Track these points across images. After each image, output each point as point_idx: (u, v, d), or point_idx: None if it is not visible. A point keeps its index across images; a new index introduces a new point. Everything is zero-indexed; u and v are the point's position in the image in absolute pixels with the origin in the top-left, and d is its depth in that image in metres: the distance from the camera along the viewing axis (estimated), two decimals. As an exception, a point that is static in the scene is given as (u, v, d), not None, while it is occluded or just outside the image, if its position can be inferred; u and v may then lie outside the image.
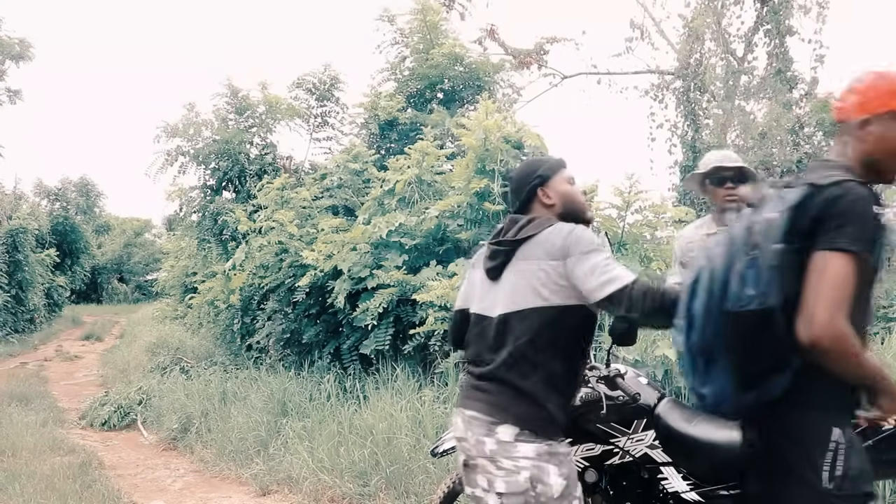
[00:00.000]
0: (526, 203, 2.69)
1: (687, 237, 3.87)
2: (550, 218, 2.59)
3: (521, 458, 2.39)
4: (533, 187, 2.67)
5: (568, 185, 2.69)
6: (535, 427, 2.41)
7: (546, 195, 2.66)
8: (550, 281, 2.43)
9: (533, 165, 2.73)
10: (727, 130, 15.73)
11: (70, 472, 6.43)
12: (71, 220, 30.69)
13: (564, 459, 2.43)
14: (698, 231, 3.82)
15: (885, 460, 2.58)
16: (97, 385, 12.51)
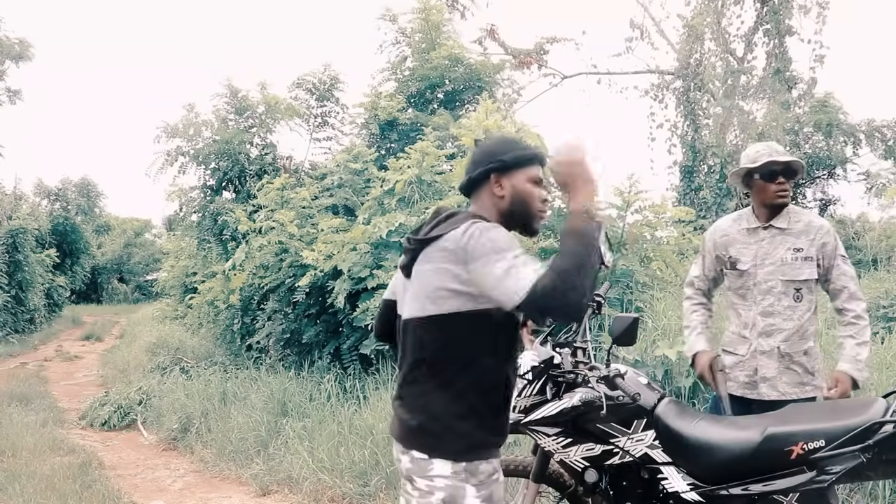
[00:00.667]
0: (474, 183, 2.40)
1: (723, 229, 3.70)
2: (474, 216, 2.28)
3: (437, 477, 2.20)
4: (487, 170, 2.36)
5: (528, 185, 2.36)
6: (445, 449, 2.21)
7: (499, 184, 2.35)
8: (444, 287, 2.19)
9: (501, 146, 2.40)
10: (726, 130, 15.73)
11: (70, 472, 6.43)
12: (71, 220, 30.69)
13: (486, 480, 2.22)
14: (736, 225, 3.65)
15: (885, 460, 2.58)
16: (97, 385, 12.52)
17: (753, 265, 3.52)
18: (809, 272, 3.44)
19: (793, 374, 3.45)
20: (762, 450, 2.71)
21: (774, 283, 3.46)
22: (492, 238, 2.13)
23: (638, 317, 3.18)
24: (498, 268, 2.07)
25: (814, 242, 3.44)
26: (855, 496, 4.02)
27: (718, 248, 3.67)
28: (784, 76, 15.23)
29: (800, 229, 3.47)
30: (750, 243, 3.55)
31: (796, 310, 3.45)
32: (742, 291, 3.57)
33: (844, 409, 2.78)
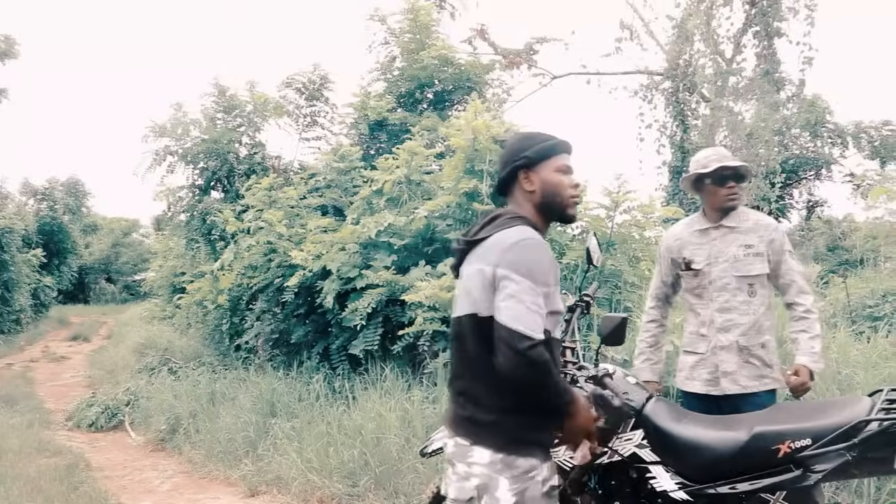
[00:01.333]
0: (506, 182, 2.51)
1: (675, 234, 3.82)
2: (514, 218, 2.40)
3: (475, 465, 2.29)
4: (515, 168, 2.46)
5: (556, 175, 2.45)
6: (486, 439, 2.30)
7: (528, 180, 2.44)
8: (481, 287, 2.30)
9: (524, 142, 2.49)
10: (715, 131, 15.78)
11: (56, 473, 6.40)
12: (58, 219, 30.45)
13: (522, 477, 2.26)
14: (688, 228, 3.78)
15: (871, 458, 2.60)
16: (84, 386, 12.46)
17: (707, 264, 3.65)
18: (761, 267, 3.58)
19: (752, 368, 3.56)
20: (750, 448, 2.73)
21: (728, 279, 3.59)
22: (531, 258, 2.25)
23: (626, 317, 3.19)
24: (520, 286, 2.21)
25: (763, 239, 3.58)
26: (841, 494, 4.04)
27: (672, 251, 3.79)
28: (773, 77, 15.29)
29: (748, 227, 3.62)
30: (702, 243, 3.68)
31: (751, 304, 3.58)
32: (698, 291, 3.70)
33: (830, 408, 2.80)
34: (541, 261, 2.27)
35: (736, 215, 3.65)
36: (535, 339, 2.17)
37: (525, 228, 2.35)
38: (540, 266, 2.25)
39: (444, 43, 11.46)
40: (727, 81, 15.87)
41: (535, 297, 2.21)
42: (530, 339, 2.16)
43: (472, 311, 2.32)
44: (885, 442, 2.57)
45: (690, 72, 15.51)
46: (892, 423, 2.54)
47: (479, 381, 2.33)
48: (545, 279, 2.25)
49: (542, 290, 2.23)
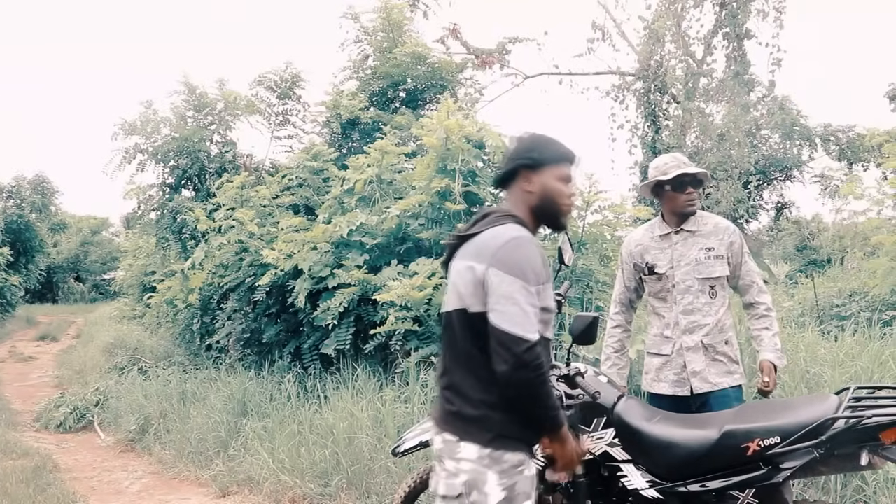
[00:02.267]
0: (508, 177, 2.51)
1: (636, 240, 3.86)
2: (505, 216, 2.42)
3: (463, 460, 2.30)
4: (519, 165, 2.47)
5: (557, 183, 2.46)
6: (474, 435, 2.31)
7: (529, 180, 2.45)
8: (471, 284, 2.31)
9: (535, 143, 2.50)
10: (686, 131, 15.93)
11: (23, 475, 6.32)
12: (25, 217, 30.05)
13: (511, 471, 2.29)
14: (649, 233, 3.82)
15: (838, 455, 2.64)
16: (52, 386, 12.31)
17: (670, 268, 3.69)
18: (721, 269, 3.64)
19: (719, 365, 3.61)
20: (720, 447, 2.76)
21: (691, 282, 3.64)
22: (521, 256, 2.27)
23: (598, 316, 3.21)
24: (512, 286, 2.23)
25: (723, 242, 3.65)
26: (808, 491, 4.09)
27: (634, 256, 3.83)
28: (743, 79, 15.45)
29: (709, 230, 3.68)
30: (664, 248, 3.73)
31: (713, 305, 3.64)
32: (662, 294, 3.74)
33: (799, 407, 2.83)
34: (532, 258, 2.29)
35: (695, 219, 3.71)
36: (531, 340, 2.19)
37: (516, 227, 2.37)
38: (531, 264, 2.27)
39: (417, 41, 11.46)
40: (698, 82, 16.02)
41: (529, 296, 2.24)
42: (527, 342, 2.19)
43: (462, 307, 2.33)
44: (852, 439, 2.61)
45: (662, 73, 15.64)
46: (859, 421, 2.58)
47: (466, 376, 2.34)
48: (537, 277, 2.28)
49: (535, 289, 2.26)
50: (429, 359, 6.24)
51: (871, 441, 2.60)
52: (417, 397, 5.81)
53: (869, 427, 2.58)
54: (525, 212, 2.47)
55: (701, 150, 15.73)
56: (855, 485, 4.06)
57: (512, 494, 2.27)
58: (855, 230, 9.38)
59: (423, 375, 6.04)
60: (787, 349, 5.35)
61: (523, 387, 2.21)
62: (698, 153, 15.66)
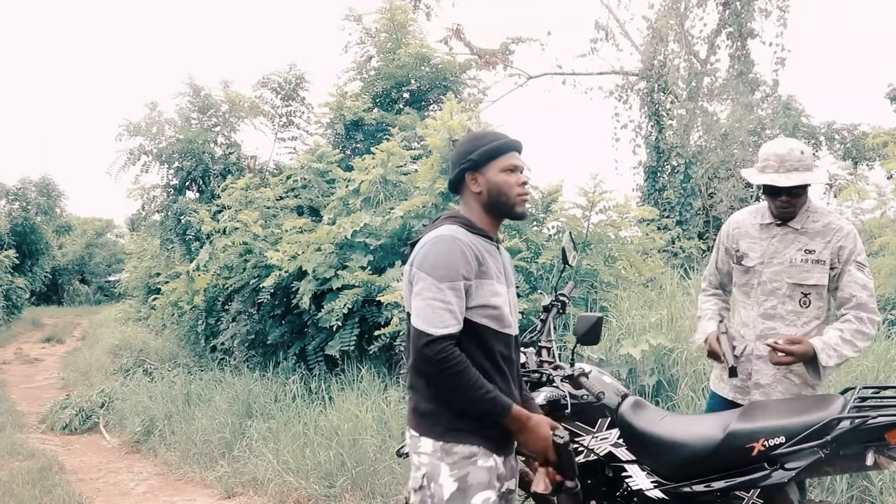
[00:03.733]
0: (456, 183, 2.55)
1: (737, 222, 3.44)
2: (447, 218, 2.49)
3: (423, 454, 2.38)
4: (461, 171, 2.50)
5: (501, 176, 2.46)
6: (428, 429, 2.38)
7: (475, 181, 2.48)
8: (406, 286, 2.42)
9: (470, 144, 2.51)
10: (690, 131, 15.91)
11: (29, 477, 6.32)
12: (31, 220, 30.13)
13: (463, 463, 2.33)
14: (751, 218, 3.39)
15: (843, 455, 2.63)
16: (58, 388, 12.32)
17: (760, 262, 3.29)
18: (819, 276, 3.18)
19: (790, 384, 3.23)
20: (724, 447, 2.75)
21: (780, 284, 3.23)
22: (433, 259, 2.32)
23: (602, 316, 3.20)
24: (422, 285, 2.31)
25: (829, 245, 3.17)
26: (813, 491, 4.08)
27: (730, 239, 3.44)
28: (747, 78, 15.44)
29: (816, 230, 3.20)
30: (761, 239, 3.31)
31: (801, 315, 3.22)
32: (746, 289, 3.37)
33: (804, 406, 2.83)
34: (446, 255, 2.31)
35: (804, 214, 3.23)
36: (433, 335, 2.24)
37: (447, 227, 2.41)
38: (445, 260, 2.30)
39: (421, 41, 11.46)
40: (702, 82, 16.00)
41: (438, 292, 2.27)
42: (428, 336, 2.25)
43: (407, 310, 2.40)
44: (857, 439, 2.60)
45: (665, 72, 15.61)
46: (864, 421, 2.57)
47: (418, 373, 2.39)
48: (451, 274, 2.29)
49: (447, 285, 2.28)
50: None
51: (876, 441, 2.59)
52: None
53: (874, 427, 2.57)
54: (479, 212, 2.50)
55: (704, 149, 15.71)
56: (860, 485, 4.05)
57: (464, 485, 2.32)
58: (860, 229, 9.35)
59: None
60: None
61: (434, 382, 2.31)
62: (702, 153, 15.64)
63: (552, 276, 6.82)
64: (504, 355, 2.44)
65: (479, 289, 2.35)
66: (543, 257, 6.75)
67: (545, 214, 7.46)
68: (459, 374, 2.25)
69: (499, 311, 2.40)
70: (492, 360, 2.39)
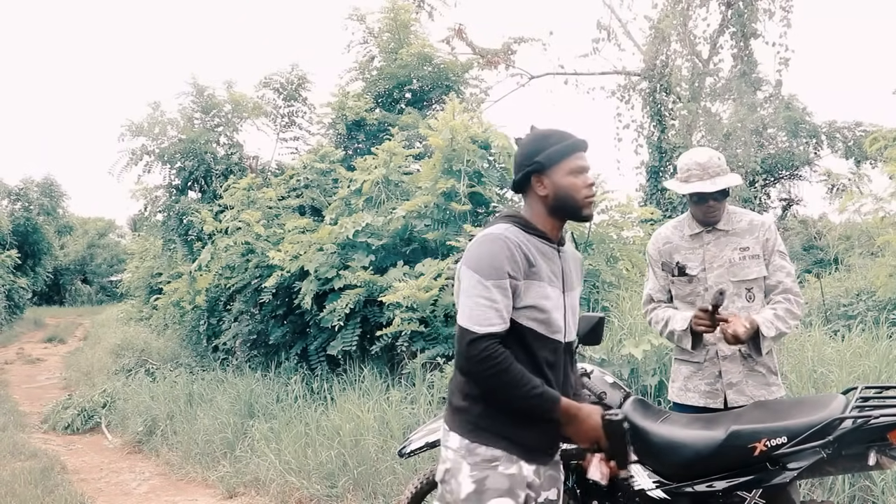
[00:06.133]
0: (521, 185, 2.46)
1: (665, 237, 3.53)
2: (501, 217, 2.44)
3: (449, 448, 2.37)
4: (527, 173, 2.41)
5: (568, 178, 2.37)
6: (456, 425, 2.37)
7: (540, 184, 2.40)
8: (456, 283, 2.39)
9: (537, 145, 2.42)
10: (692, 131, 15.89)
11: (31, 477, 6.33)
12: (33, 220, 30.19)
13: (484, 465, 2.29)
14: (678, 231, 3.51)
15: (845, 455, 2.63)
16: (60, 388, 12.34)
17: (702, 269, 3.39)
18: (758, 270, 3.35)
19: (758, 376, 3.32)
20: (726, 447, 2.74)
21: (725, 285, 3.32)
22: (480, 257, 2.28)
23: (604, 316, 3.20)
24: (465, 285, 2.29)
25: (758, 240, 3.37)
26: (815, 491, 4.08)
27: (663, 255, 3.52)
28: (750, 78, 15.41)
29: (743, 228, 3.39)
30: (695, 248, 3.43)
31: (750, 310, 3.33)
32: (691, 298, 3.43)
33: (806, 406, 2.82)
34: (493, 253, 2.27)
35: (728, 217, 3.41)
36: (477, 333, 2.21)
37: (500, 226, 2.35)
38: (491, 258, 2.26)
39: (423, 41, 11.47)
40: (704, 82, 15.98)
41: (484, 290, 2.24)
42: (472, 334, 2.21)
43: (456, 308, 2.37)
44: (860, 439, 2.59)
45: (667, 72, 15.60)
46: (866, 421, 2.57)
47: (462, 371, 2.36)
48: (497, 272, 2.24)
49: (493, 283, 2.24)
50: (435, 360, 6.24)
51: (878, 441, 2.58)
52: (424, 398, 5.81)
53: (877, 427, 2.56)
54: (542, 213, 2.42)
55: (707, 149, 15.69)
56: (862, 485, 4.05)
57: (482, 488, 2.28)
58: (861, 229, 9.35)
59: (429, 376, 6.04)
60: (794, 349, 5.33)
61: (478, 380, 2.28)
62: (704, 153, 15.61)
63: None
64: (549, 361, 2.37)
65: (528, 290, 2.30)
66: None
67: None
68: (504, 373, 2.21)
69: (547, 314, 2.34)
70: (534, 364, 2.32)
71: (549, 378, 2.35)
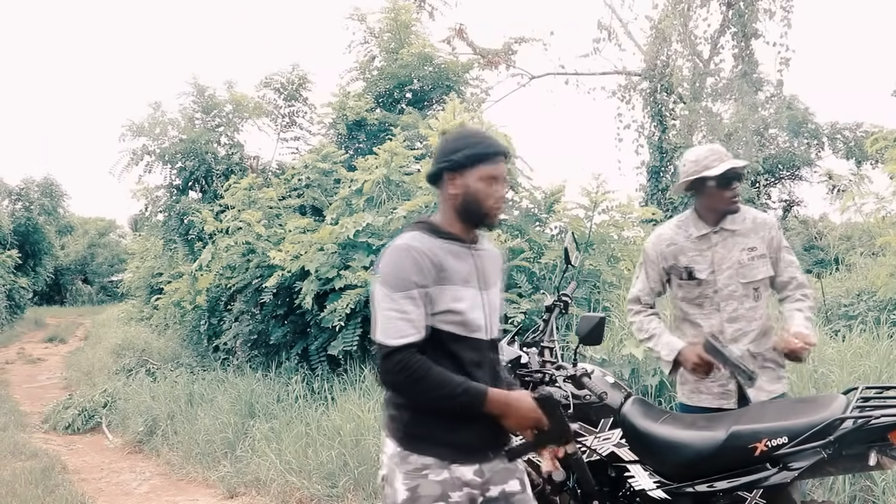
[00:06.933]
0: (434, 178, 2.45)
1: (667, 238, 3.44)
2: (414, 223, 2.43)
3: (386, 455, 2.41)
4: (441, 168, 2.39)
5: (480, 184, 2.35)
6: (390, 430, 2.41)
7: (452, 183, 2.37)
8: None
9: (456, 143, 2.39)
10: (693, 131, 15.90)
11: (32, 477, 6.33)
12: (34, 220, 30.20)
13: (415, 475, 2.31)
14: (682, 232, 3.42)
15: (846, 455, 2.63)
16: (61, 388, 12.35)
17: (711, 272, 3.33)
18: (765, 270, 3.32)
19: (769, 371, 3.31)
20: (727, 447, 2.75)
21: (735, 286, 3.30)
22: (387, 270, 2.31)
23: (604, 316, 3.20)
24: (378, 295, 2.32)
25: (763, 239, 3.33)
26: (816, 491, 4.08)
27: (667, 258, 3.43)
28: (751, 78, 15.42)
29: (748, 228, 3.35)
30: (703, 250, 3.35)
31: (757, 310, 3.32)
32: (699, 301, 3.38)
33: (806, 406, 2.82)
34: (397, 265, 2.29)
35: (733, 217, 3.35)
36: (391, 346, 2.25)
37: (407, 235, 2.36)
38: (397, 271, 2.28)
39: (424, 41, 11.47)
40: (705, 82, 15.99)
41: (393, 303, 2.26)
42: (387, 348, 2.26)
43: None
44: (860, 439, 2.59)
45: (668, 72, 15.61)
46: (867, 421, 2.57)
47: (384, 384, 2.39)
48: (404, 283, 2.26)
49: (401, 295, 2.25)
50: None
51: (879, 441, 2.58)
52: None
53: (877, 427, 2.56)
54: (450, 212, 2.41)
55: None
56: (863, 485, 4.05)
57: (415, 496, 2.30)
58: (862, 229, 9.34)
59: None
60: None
61: (401, 391, 2.33)
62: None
63: (555, 276, 6.82)
64: (474, 361, 2.39)
65: (441, 295, 2.30)
66: (546, 257, 6.75)
67: (548, 215, 7.46)
68: (423, 380, 2.24)
69: (462, 316, 2.34)
70: (459, 365, 2.33)
71: (477, 377, 2.36)
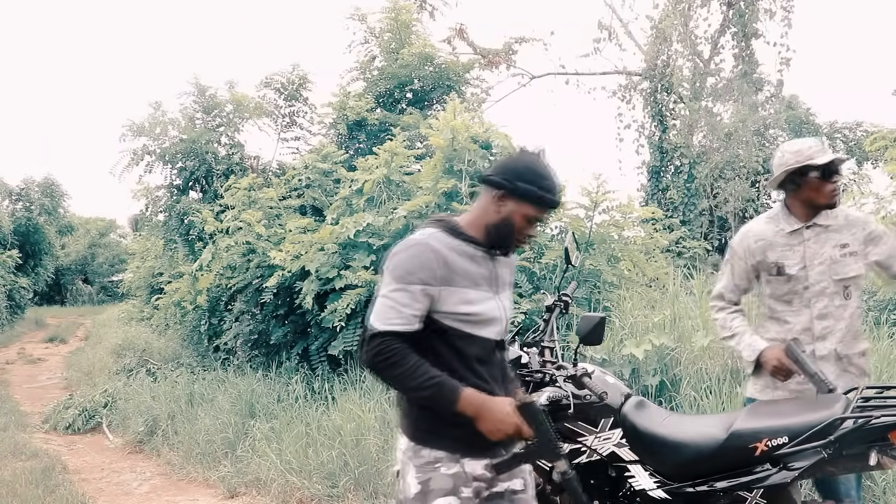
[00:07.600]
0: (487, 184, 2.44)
1: (757, 233, 3.34)
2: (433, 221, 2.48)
3: (400, 450, 2.45)
4: (496, 183, 2.39)
5: (520, 218, 2.38)
6: (403, 426, 2.45)
7: (501, 202, 2.39)
8: None
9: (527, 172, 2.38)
10: (694, 131, 15.91)
11: (32, 477, 6.33)
12: (34, 220, 30.20)
13: (427, 468, 2.35)
14: (773, 226, 3.32)
15: (846, 455, 2.62)
16: (61, 388, 12.35)
17: (802, 268, 3.24)
18: (857, 268, 3.22)
19: (849, 377, 3.20)
20: (727, 447, 2.75)
21: (826, 283, 3.21)
22: (396, 261, 2.35)
23: (605, 316, 3.19)
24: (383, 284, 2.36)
25: (856, 236, 3.23)
26: (816, 491, 4.08)
27: (755, 254, 3.34)
28: (751, 78, 15.42)
29: (841, 224, 3.24)
30: (793, 245, 3.26)
31: (846, 308, 3.23)
32: (788, 297, 3.29)
33: (807, 406, 2.82)
34: (408, 259, 2.33)
35: (826, 212, 3.24)
36: (376, 329, 2.31)
37: (424, 230, 2.41)
38: (405, 263, 2.32)
39: (425, 41, 11.48)
40: (705, 82, 15.99)
41: (391, 291, 2.31)
42: (372, 329, 2.32)
43: None
44: (861, 439, 2.59)
45: (669, 72, 15.61)
46: (868, 421, 2.56)
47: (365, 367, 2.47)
48: (408, 277, 2.30)
49: (401, 286, 2.30)
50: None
51: (880, 441, 2.58)
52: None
53: (878, 427, 2.56)
54: (481, 222, 2.43)
55: (708, 149, 15.71)
56: (863, 485, 4.04)
57: (426, 489, 2.35)
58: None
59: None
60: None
61: (375, 373, 2.38)
62: (705, 153, 15.64)
63: (555, 276, 6.81)
64: (480, 357, 2.42)
65: (449, 296, 2.32)
66: (546, 257, 6.74)
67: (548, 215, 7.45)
68: (395, 366, 2.28)
69: (470, 316, 2.36)
70: (463, 360, 2.37)
71: (481, 373, 2.41)
